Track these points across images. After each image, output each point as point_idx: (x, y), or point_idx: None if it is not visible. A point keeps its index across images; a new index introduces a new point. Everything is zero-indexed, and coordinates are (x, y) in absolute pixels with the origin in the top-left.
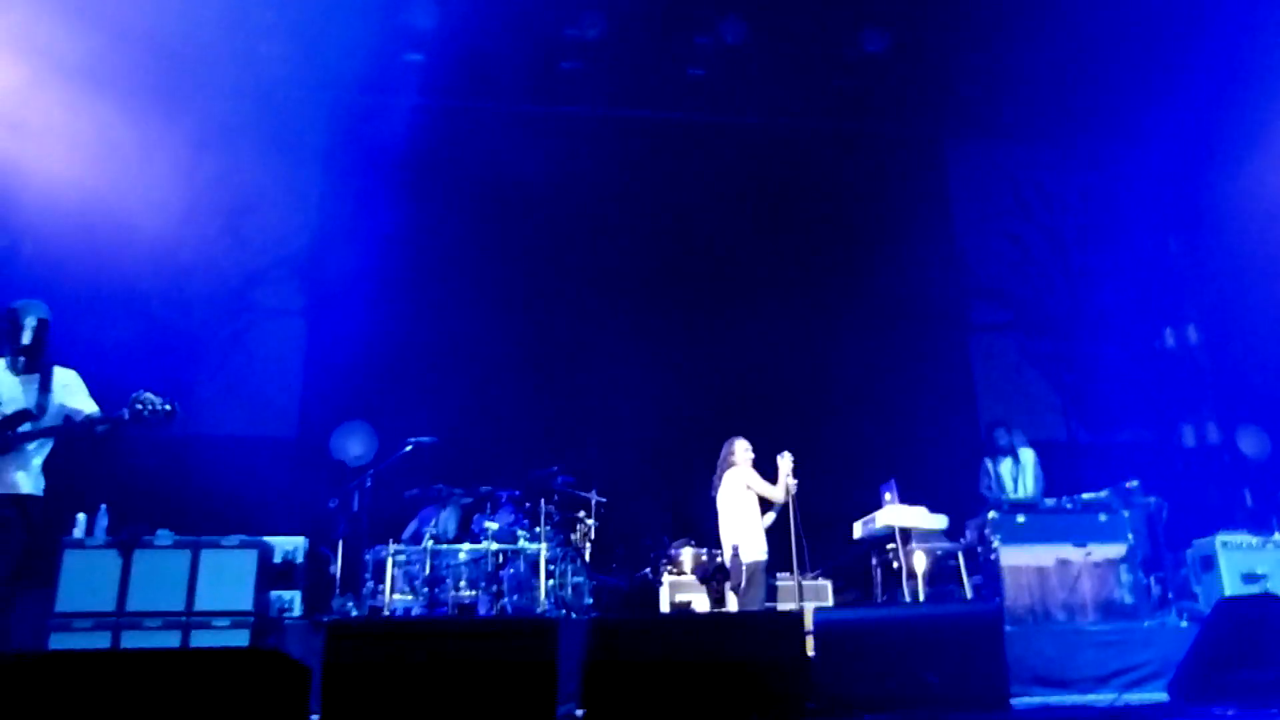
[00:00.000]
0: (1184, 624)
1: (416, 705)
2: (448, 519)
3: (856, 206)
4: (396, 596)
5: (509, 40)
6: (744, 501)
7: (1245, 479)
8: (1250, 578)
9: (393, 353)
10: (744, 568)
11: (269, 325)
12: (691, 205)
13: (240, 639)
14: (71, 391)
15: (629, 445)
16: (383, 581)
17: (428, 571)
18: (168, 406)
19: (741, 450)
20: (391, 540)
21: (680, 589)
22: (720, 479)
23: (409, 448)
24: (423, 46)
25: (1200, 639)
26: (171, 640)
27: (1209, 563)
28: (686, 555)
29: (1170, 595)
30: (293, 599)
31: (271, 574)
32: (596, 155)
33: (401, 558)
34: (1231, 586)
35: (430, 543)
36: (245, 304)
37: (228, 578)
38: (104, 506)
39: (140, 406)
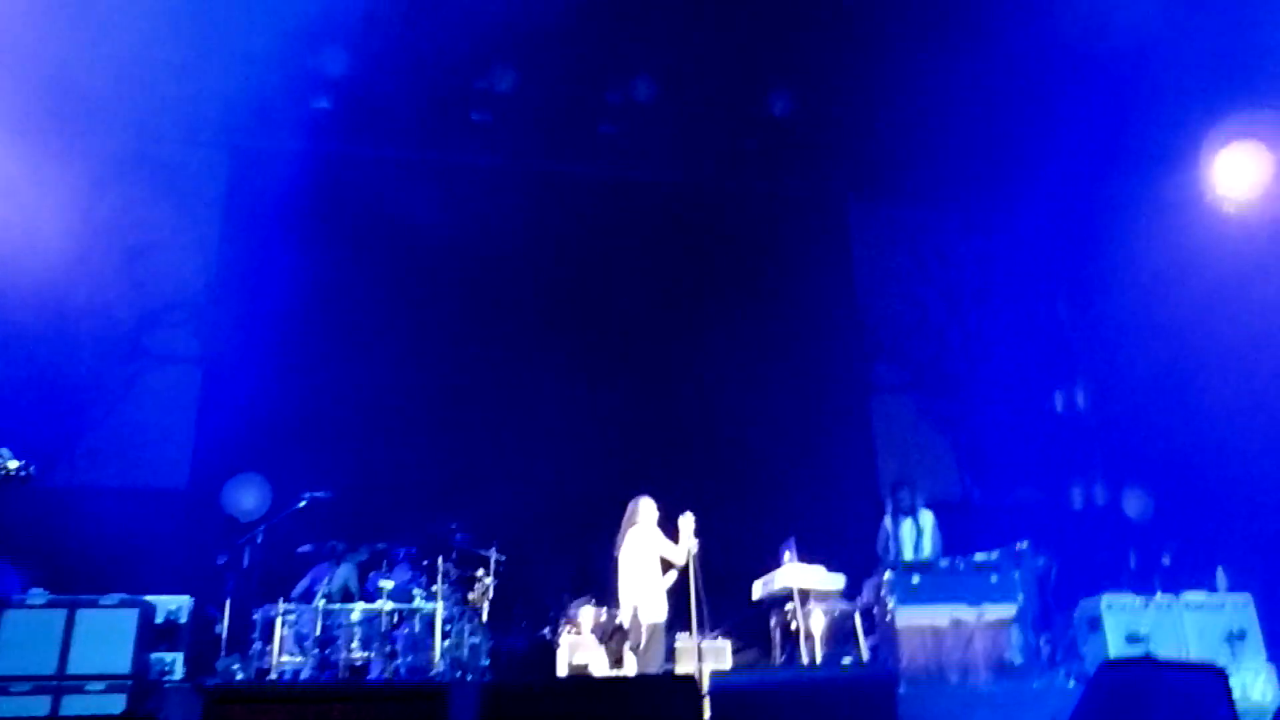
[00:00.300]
0: (1071, 684)
1: None
2: (341, 577)
3: (761, 266)
4: (285, 658)
5: (419, 89)
6: (645, 561)
7: (1130, 540)
8: (1133, 639)
9: (290, 403)
10: (643, 628)
11: (162, 372)
12: (597, 261)
13: (116, 704)
14: None
15: (530, 502)
16: (271, 642)
17: (318, 632)
18: (23, 472)
19: (646, 509)
20: (282, 599)
21: (578, 649)
22: (623, 538)
23: (303, 502)
24: (331, 93)
25: (1080, 708)
26: (40, 707)
27: (1095, 623)
28: (586, 614)
29: (1058, 655)
30: (174, 661)
31: (153, 634)
32: (502, 207)
33: (292, 617)
34: (1115, 647)
35: (322, 602)
36: (138, 349)
37: (105, 639)
38: None
39: None
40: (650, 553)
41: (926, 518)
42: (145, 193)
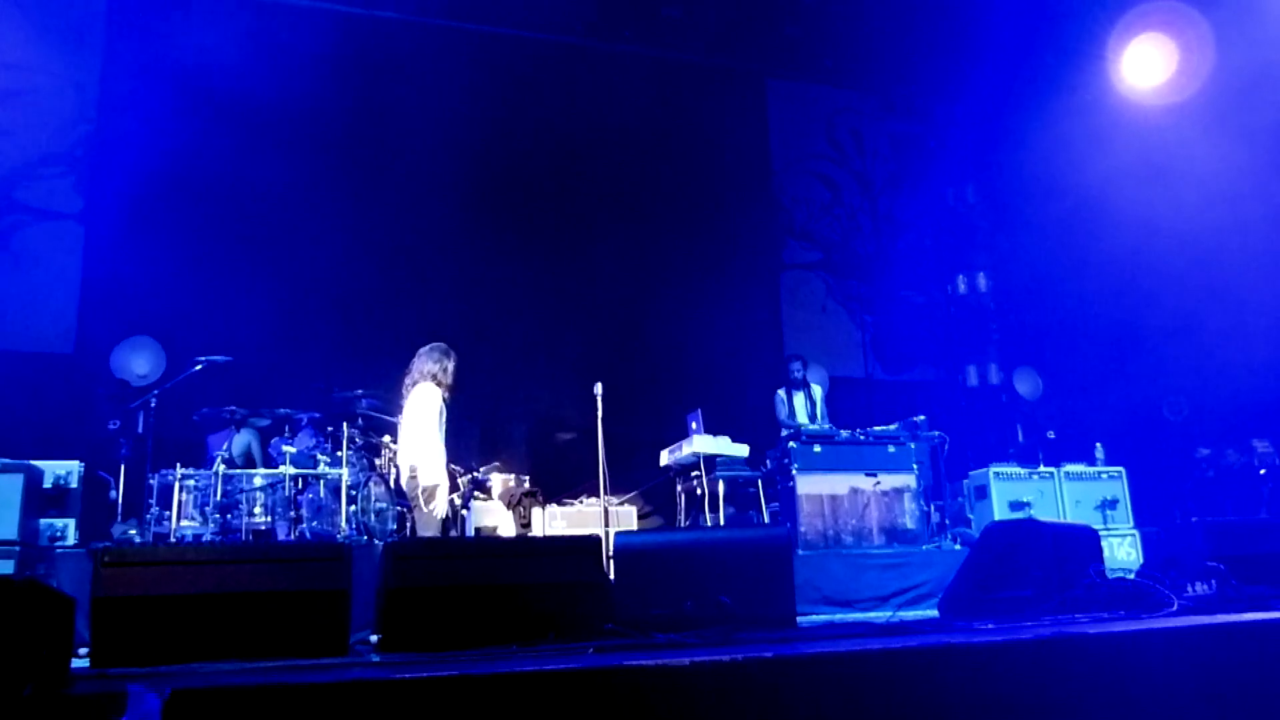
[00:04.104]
0: (957, 547)
1: (196, 636)
2: (243, 442)
3: (679, 139)
4: (184, 523)
5: None
6: (431, 420)
7: (1019, 417)
8: (1017, 505)
9: (183, 263)
10: (421, 490)
11: (39, 229)
12: (511, 127)
13: (3, 570)
14: None
15: None
16: (169, 508)
17: (219, 497)
18: None
19: (440, 363)
20: (179, 464)
21: (487, 514)
22: (411, 389)
23: (199, 366)
24: None
25: (969, 561)
26: None
27: (983, 492)
28: (495, 481)
29: (947, 521)
30: (66, 527)
31: (41, 500)
32: (415, 67)
33: (191, 483)
34: (1000, 513)
35: (222, 467)
36: (12, 203)
37: None
38: None
39: None
40: (435, 413)
41: (816, 390)
42: (15, 32)
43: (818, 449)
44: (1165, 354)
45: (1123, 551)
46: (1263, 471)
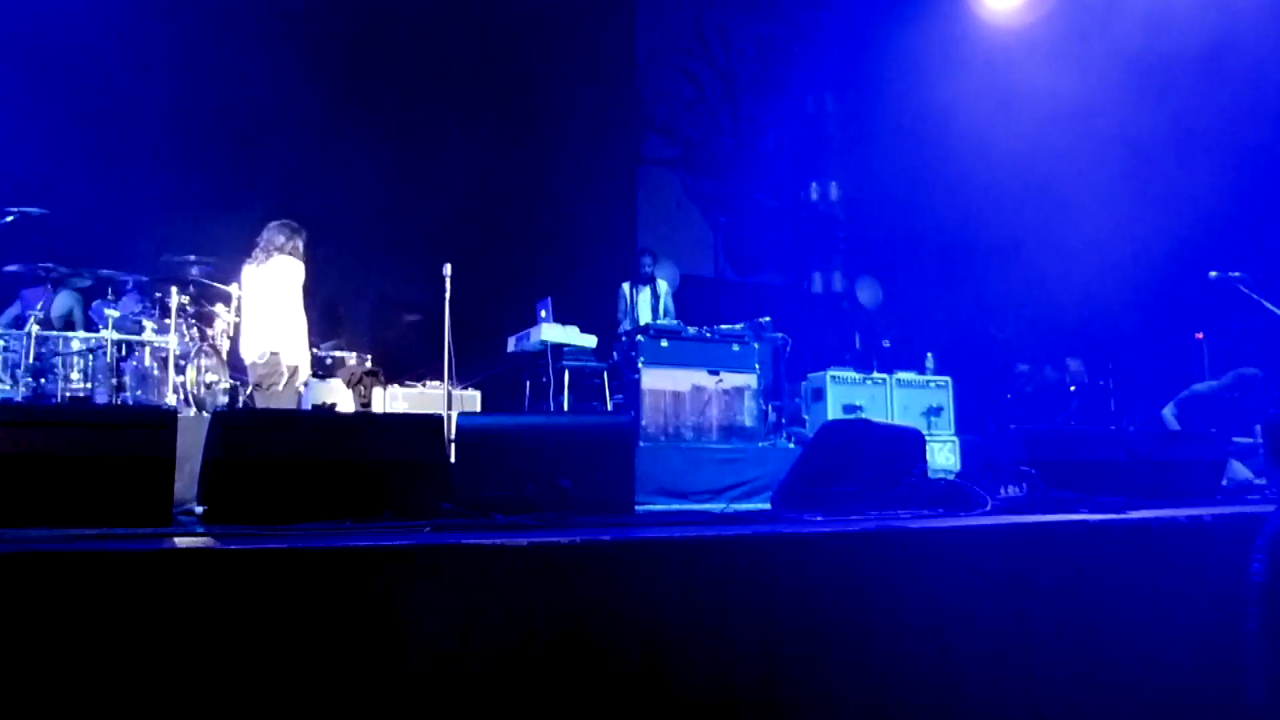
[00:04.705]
0: (791, 445)
1: (7, 498)
2: (64, 304)
3: (541, 24)
4: None
5: None
6: (295, 296)
7: (858, 324)
8: (850, 408)
9: None
10: (284, 368)
11: None
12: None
13: None
14: None
15: None
16: None
17: (31, 359)
18: None
19: (293, 240)
20: None
21: (326, 392)
22: (265, 262)
23: (10, 218)
24: None
25: (802, 457)
26: None
27: (819, 394)
28: (334, 356)
29: (784, 421)
30: None
31: None
32: None
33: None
34: (834, 414)
35: (35, 328)
36: None
37: None
38: None
39: None
40: (297, 291)
41: (663, 286)
42: None
43: (664, 344)
44: (995, 274)
45: (943, 456)
46: (1073, 388)
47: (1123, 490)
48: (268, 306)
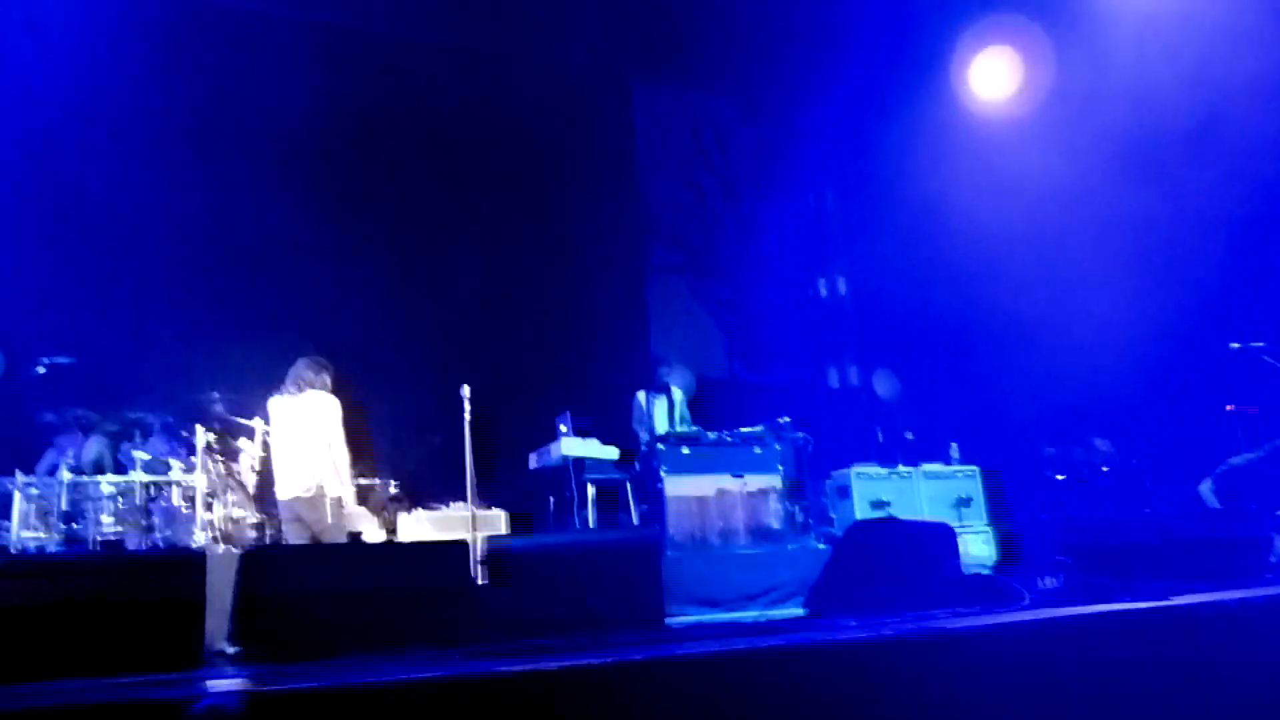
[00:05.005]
0: (821, 546)
1: (43, 650)
2: (94, 449)
3: (544, 141)
4: (26, 534)
5: None
6: (338, 429)
7: (877, 417)
8: (877, 504)
9: (18, 257)
10: (329, 501)
11: None
12: (372, 125)
13: None
14: None
15: None
16: (9, 518)
17: (64, 505)
18: None
19: (322, 375)
20: (18, 471)
21: (352, 519)
22: (296, 396)
23: (42, 369)
24: None
25: (832, 560)
26: None
27: (844, 491)
28: (361, 484)
29: (811, 521)
30: None
31: None
32: (270, 59)
33: (33, 491)
34: (861, 512)
35: (67, 475)
36: None
37: None
38: None
39: None
40: (337, 424)
41: (677, 394)
42: None
43: (686, 451)
44: (1009, 358)
45: (977, 547)
46: (1105, 469)
47: (1164, 575)
48: (305, 441)
